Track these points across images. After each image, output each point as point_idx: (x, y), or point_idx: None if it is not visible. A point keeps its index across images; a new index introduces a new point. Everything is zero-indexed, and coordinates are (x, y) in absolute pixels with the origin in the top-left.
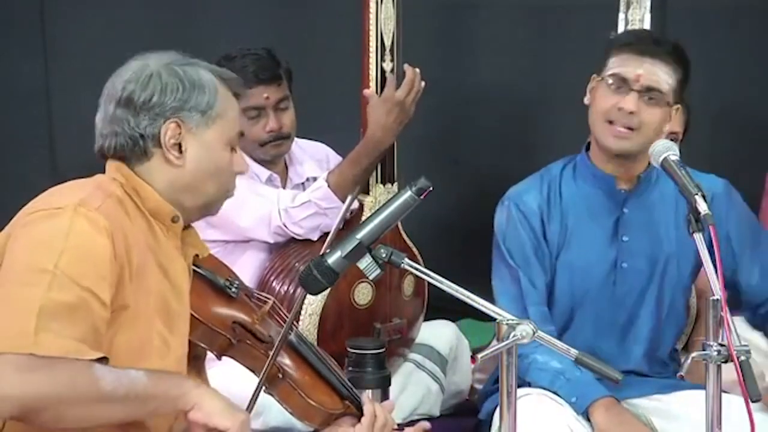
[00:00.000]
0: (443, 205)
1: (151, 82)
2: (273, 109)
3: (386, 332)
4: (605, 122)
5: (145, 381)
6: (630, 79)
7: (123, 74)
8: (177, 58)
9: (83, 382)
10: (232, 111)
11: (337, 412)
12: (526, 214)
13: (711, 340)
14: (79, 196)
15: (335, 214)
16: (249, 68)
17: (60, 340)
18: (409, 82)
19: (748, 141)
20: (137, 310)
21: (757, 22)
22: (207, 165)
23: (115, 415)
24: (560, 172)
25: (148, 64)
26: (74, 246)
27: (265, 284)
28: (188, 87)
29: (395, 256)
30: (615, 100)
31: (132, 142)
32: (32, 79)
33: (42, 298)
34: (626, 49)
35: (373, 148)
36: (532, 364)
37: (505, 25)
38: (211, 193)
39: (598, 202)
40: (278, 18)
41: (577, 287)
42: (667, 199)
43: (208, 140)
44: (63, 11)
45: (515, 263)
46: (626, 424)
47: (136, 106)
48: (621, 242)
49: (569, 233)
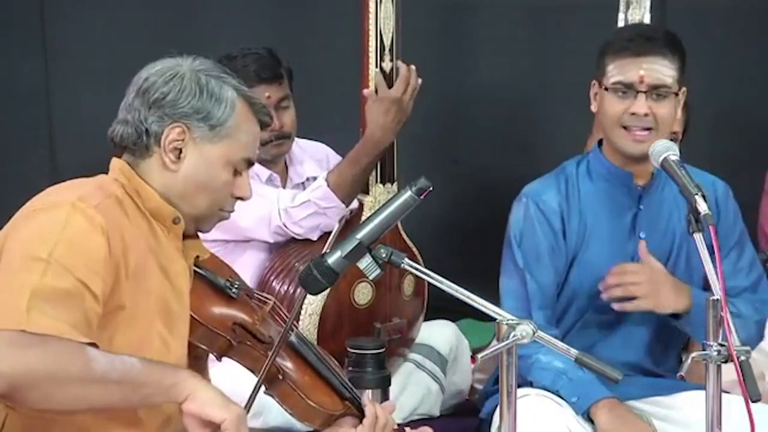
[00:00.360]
0: (443, 205)
1: (173, 80)
2: (274, 109)
3: (386, 332)
4: (620, 128)
5: (139, 367)
6: (634, 82)
7: (154, 66)
8: (210, 67)
9: (75, 362)
10: (246, 135)
11: (337, 412)
12: (546, 213)
13: (711, 340)
14: (78, 193)
15: (335, 214)
16: (250, 67)
17: (52, 321)
18: (404, 79)
19: (748, 141)
20: (135, 310)
21: (757, 22)
22: (200, 178)
23: (105, 398)
24: (575, 170)
25: (180, 64)
26: (69, 238)
27: (265, 284)
28: (205, 97)
29: (395, 256)
30: (624, 105)
31: (137, 134)
32: (32, 79)
33: (37, 283)
34: (622, 54)
35: (373, 147)
36: (535, 363)
37: (505, 25)
38: (203, 207)
39: (615, 199)
40: (278, 18)
41: (594, 284)
42: (678, 196)
43: (209, 155)
44: (63, 11)
45: (525, 264)
46: (630, 424)
47: (149, 99)
48: (638, 239)
49: (588, 231)
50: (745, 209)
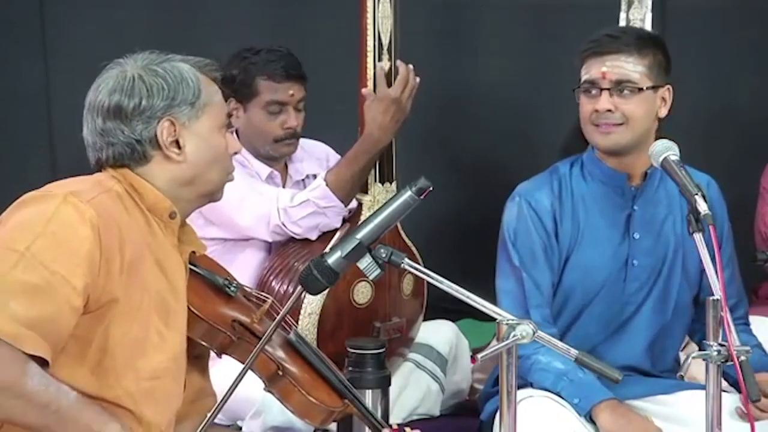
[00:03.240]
0: (443, 204)
1: (136, 87)
2: (293, 108)
3: (386, 331)
4: (592, 125)
5: (73, 402)
6: (597, 79)
7: (103, 85)
8: (151, 57)
9: (9, 372)
10: (216, 95)
11: (337, 409)
12: (539, 212)
13: (711, 340)
14: (73, 187)
15: (334, 213)
16: (278, 63)
17: (5, 321)
18: (403, 79)
19: (745, 141)
20: (129, 304)
21: (757, 22)
22: (206, 154)
23: (27, 419)
24: (569, 171)
25: (126, 70)
26: (52, 232)
27: (264, 284)
28: (172, 84)
29: (395, 256)
30: (592, 104)
31: (130, 149)
32: (32, 79)
33: (5, 274)
34: (588, 54)
35: (371, 146)
36: (535, 364)
37: (506, 24)
38: (215, 180)
39: (609, 199)
40: (277, 17)
41: (588, 285)
42: (673, 196)
43: (203, 130)
44: (63, 11)
45: (521, 263)
46: (633, 423)
47: (126, 114)
48: (632, 240)
49: (581, 232)
50: (743, 210)
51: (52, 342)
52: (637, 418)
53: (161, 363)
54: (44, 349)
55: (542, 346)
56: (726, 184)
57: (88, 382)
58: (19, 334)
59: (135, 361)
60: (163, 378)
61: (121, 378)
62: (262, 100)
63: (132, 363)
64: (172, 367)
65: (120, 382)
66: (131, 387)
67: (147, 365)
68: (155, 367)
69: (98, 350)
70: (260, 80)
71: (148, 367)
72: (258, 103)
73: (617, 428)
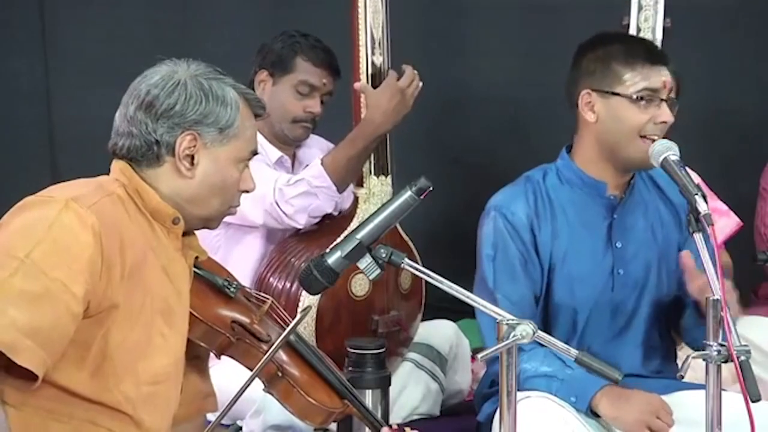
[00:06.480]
0: (442, 204)
1: (177, 90)
2: (320, 96)
3: (384, 324)
4: (639, 138)
5: None
6: (659, 89)
7: (150, 77)
8: (206, 70)
9: None
10: (250, 130)
11: (336, 410)
12: (516, 226)
13: (711, 340)
14: (75, 192)
15: (325, 196)
16: (321, 51)
17: (3, 329)
18: (411, 74)
19: (745, 141)
20: (130, 309)
21: (757, 22)
22: (214, 181)
23: None
24: (542, 180)
25: (177, 71)
26: (53, 238)
27: (262, 281)
28: (212, 102)
29: (395, 256)
30: (648, 114)
31: (146, 146)
32: (32, 79)
33: (3, 282)
34: (640, 61)
35: (371, 131)
36: (521, 374)
37: (505, 24)
38: (214, 208)
39: (589, 208)
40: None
41: (577, 297)
42: (648, 202)
43: (221, 157)
44: (63, 11)
45: (495, 284)
46: (633, 400)
47: (156, 112)
48: (615, 249)
49: (563, 243)
50: (742, 210)
51: (50, 350)
52: (635, 393)
53: (164, 367)
54: (38, 359)
55: (523, 353)
56: (726, 184)
57: (87, 386)
58: (15, 342)
59: (135, 365)
60: (164, 383)
61: (120, 382)
62: (296, 78)
63: (132, 367)
64: (173, 371)
65: (119, 387)
66: (131, 392)
67: (149, 368)
68: (157, 371)
69: (98, 354)
70: (300, 59)
71: (150, 370)
72: (290, 79)
73: (620, 413)
